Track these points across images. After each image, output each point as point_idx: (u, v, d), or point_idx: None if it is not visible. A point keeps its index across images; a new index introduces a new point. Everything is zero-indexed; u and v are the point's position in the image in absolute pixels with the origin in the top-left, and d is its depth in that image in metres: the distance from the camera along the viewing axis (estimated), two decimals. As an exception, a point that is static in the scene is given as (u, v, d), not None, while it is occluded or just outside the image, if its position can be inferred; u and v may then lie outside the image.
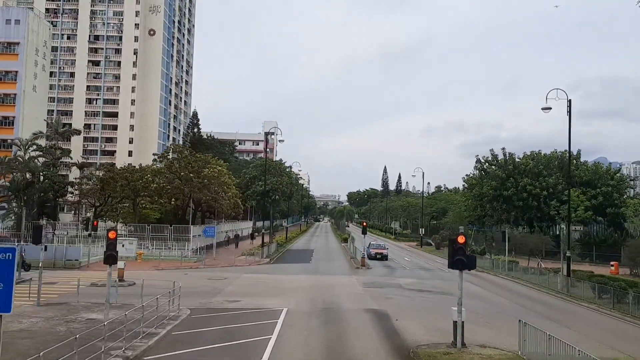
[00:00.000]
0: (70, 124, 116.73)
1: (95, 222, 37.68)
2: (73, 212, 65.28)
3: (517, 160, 66.40)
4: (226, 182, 49.22)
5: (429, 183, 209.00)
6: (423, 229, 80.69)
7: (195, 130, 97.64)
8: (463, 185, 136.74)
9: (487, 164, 68.71)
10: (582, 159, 69.08)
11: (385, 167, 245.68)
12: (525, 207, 62.00)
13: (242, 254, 49.66)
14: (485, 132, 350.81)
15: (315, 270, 39.84)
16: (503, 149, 66.87)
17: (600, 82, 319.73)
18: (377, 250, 49.79)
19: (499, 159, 67.59)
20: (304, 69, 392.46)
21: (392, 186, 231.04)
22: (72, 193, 52.57)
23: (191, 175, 49.05)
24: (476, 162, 69.52)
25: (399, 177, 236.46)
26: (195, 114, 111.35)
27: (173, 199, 46.76)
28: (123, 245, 41.78)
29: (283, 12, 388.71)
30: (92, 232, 37.62)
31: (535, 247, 47.13)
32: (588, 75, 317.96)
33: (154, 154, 51.29)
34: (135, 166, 49.84)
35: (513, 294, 31.91)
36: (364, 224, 49.78)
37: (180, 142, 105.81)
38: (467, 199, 71.02)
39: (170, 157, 48.67)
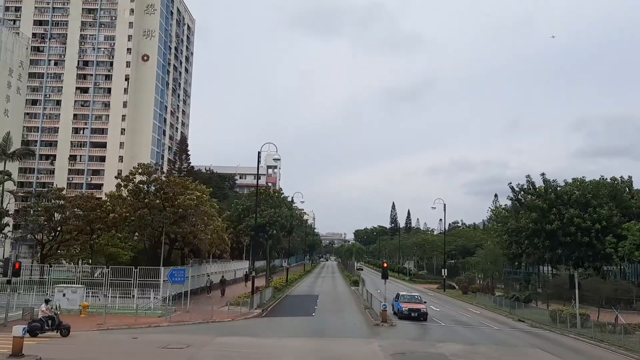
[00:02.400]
0: (54, 156, 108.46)
1: (17, 265, 27.39)
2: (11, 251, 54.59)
3: (559, 188, 56.02)
4: (207, 213, 39.06)
5: (440, 220, 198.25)
6: (445, 270, 69.61)
7: (184, 157, 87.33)
8: (488, 219, 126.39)
9: (522, 192, 58.30)
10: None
11: (393, 203, 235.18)
12: (573, 244, 51.30)
13: (228, 303, 39.01)
14: (491, 170, 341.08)
15: (320, 329, 29.17)
16: (543, 174, 56.57)
17: (604, 120, 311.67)
18: (411, 304, 35.47)
19: (536, 187, 57.22)
20: (309, 108, 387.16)
21: (400, 223, 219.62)
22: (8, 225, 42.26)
23: (164, 203, 39.00)
24: (511, 191, 58.94)
25: (408, 213, 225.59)
26: (184, 139, 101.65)
27: (137, 234, 36.80)
28: (64, 295, 31.62)
29: (289, 52, 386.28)
30: (13, 278, 27.23)
31: (608, 294, 36.34)
32: (592, 114, 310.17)
33: (116, 177, 41.10)
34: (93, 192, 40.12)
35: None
36: (385, 265, 38.38)
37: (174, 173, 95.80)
38: (499, 235, 60.33)
39: (136, 180, 38.79)
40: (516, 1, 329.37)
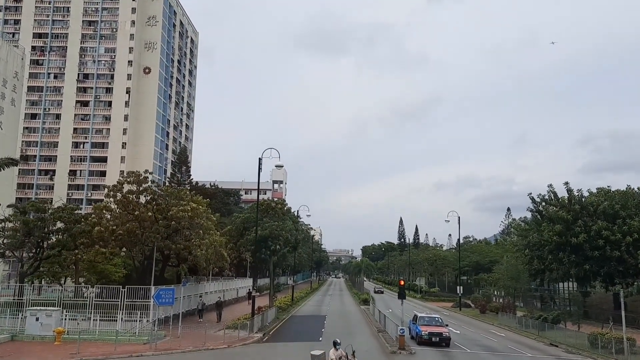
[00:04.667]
0: (54, 171, 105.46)
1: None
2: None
3: (583, 199, 52.01)
4: (203, 226, 35.38)
5: (450, 235, 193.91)
6: (461, 287, 65.33)
7: (184, 169, 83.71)
8: (500, 234, 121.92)
9: (544, 203, 54.30)
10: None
11: (401, 218, 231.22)
12: (602, 258, 47.17)
13: (226, 326, 35.14)
14: (497, 186, 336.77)
15: (328, 358, 25.19)
16: (566, 183, 52.52)
17: (610, 136, 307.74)
18: (431, 328, 31.28)
19: (559, 197, 53.25)
20: (315, 126, 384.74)
21: (409, 239, 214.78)
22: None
23: (156, 215, 35.38)
24: (531, 202, 54.88)
25: (416, 229, 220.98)
26: (183, 150, 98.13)
27: (124, 249, 33.17)
28: (37, 319, 27.86)
29: (295, 70, 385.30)
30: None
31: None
32: (598, 129, 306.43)
33: (105, 186, 37.64)
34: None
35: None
36: (402, 282, 33.83)
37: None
38: (519, 249, 56.24)
39: (124, 190, 35.25)
40: (520, 19, 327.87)
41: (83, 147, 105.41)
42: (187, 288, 39.25)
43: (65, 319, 29.94)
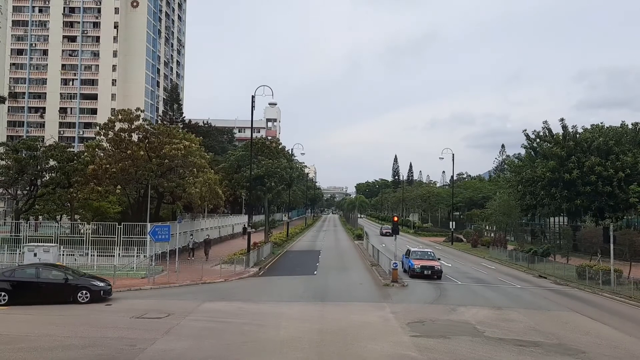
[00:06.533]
0: (44, 108, 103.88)
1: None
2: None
3: (577, 135, 51.92)
4: (197, 164, 35.19)
5: (443, 172, 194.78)
6: (454, 223, 66.32)
7: (175, 107, 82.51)
8: (494, 170, 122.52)
9: (538, 140, 54.27)
10: None
11: (395, 156, 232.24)
12: (593, 194, 47.67)
13: (222, 261, 35.77)
14: (492, 124, 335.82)
15: (323, 291, 25.82)
16: (562, 119, 52.30)
17: (606, 72, 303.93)
18: (424, 262, 31.93)
19: (554, 133, 53.15)
20: (309, 63, 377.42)
21: (403, 176, 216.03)
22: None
23: (149, 154, 35.13)
24: (526, 138, 54.86)
25: (410, 166, 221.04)
26: (175, 87, 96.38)
27: (119, 187, 33.08)
28: (35, 255, 28.10)
29: (289, 3, 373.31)
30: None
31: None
32: (593, 66, 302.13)
33: (96, 124, 37.15)
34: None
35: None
36: (395, 218, 34.33)
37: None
38: (512, 185, 56.69)
39: (116, 128, 34.79)
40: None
41: (72, 84, 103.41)
42: (182, 225, 39.60)
43: (63, 255, 30.31)
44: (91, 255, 31.32)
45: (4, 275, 21.30)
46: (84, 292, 21.40)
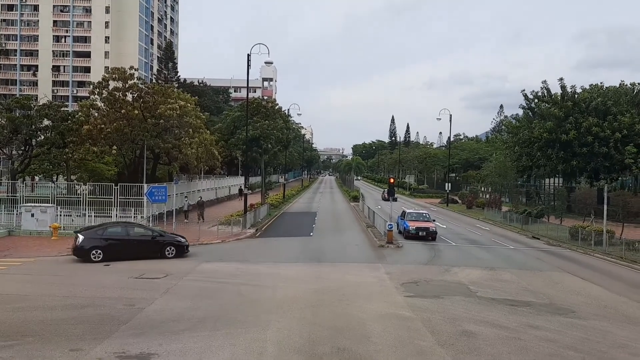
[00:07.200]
0: (36, 66, 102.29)
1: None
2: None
3: (576, 95, 51.61)
4: (193, 124, 34.93)
5: (440, 133, 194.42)
6: (449, 184, 66.64)
7: (170, 65, 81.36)
8: (491, 131, 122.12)
9: (536, 100, 53.98)
10: None
11: (392, 117, 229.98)
12: (589, 155, 47.80)
13: (219, 222, 35.96)
14: (490, 84, 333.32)
15: (319, 253, 26.11)
16: (561, 79, 51.94)
17: (607, 32, 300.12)
18: (418, 223, 31.96)
19: (552, 94, 52.81)
20: (306, 23, 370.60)
21: (400, 137, 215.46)
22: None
23: (144, 113, 34.79)
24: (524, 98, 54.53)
25: (407, 127, 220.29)
26: (169, 45, 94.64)
27: (114, 147, 32.93)
28: (33, 215, 28.21)
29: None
30: None
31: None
32: (593, 25, 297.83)
33: (90, 83, 36.70)
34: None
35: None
36: (392, 180, 34.45)
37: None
38: (509, 147, 56.67)
39: (110, 87, 34.36)
40: None
41: (65, 41, 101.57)
42: (179, 186, 39.61)
43: (60, 215, 30.38)
44: (88, 216, 31.37)
45: (97, 234, 22.36)
46: (171, 248, 23.19)
